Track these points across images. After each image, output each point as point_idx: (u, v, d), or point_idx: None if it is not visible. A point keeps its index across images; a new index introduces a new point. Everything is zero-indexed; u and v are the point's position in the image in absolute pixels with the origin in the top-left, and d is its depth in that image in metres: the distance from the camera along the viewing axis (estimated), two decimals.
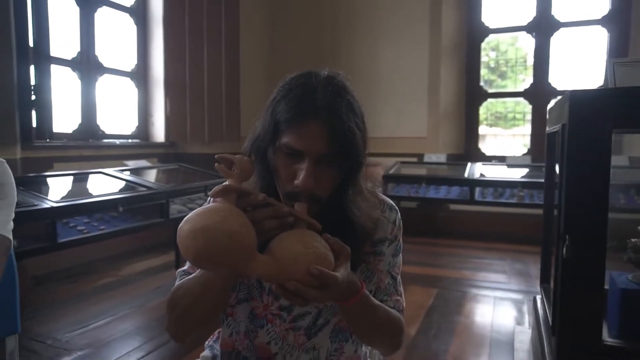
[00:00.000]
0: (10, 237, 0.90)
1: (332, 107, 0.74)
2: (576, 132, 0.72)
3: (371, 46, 4.92)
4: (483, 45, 5.08)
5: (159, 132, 4.22)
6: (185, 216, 0.67)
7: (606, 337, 0.78)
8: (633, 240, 0.82)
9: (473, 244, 4.07)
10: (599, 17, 4.55)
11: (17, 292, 1.08)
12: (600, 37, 4.60)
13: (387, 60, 4.86)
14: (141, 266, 3.42)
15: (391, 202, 0.93)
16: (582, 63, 4.95)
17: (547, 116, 1.33)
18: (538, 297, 1.53)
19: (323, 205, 0.77)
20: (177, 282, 0.85)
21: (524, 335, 2.10)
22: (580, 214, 0.72)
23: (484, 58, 5.23)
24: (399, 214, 0.92)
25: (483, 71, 5.20)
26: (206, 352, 0.99)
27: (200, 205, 0.70)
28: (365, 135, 0.81)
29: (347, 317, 0.81)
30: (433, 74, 4.73)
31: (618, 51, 4.46)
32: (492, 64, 6.79)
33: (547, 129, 1.31)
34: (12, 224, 0.91)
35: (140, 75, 4.19)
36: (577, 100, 0.72)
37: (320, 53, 5.11)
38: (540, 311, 1.06)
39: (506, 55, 6.25)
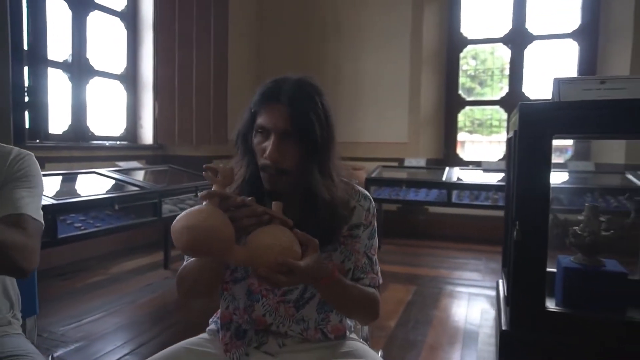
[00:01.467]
0: (43, 222, 1.01)
1: (293, 94, 0.91)
2: (524, 137, 0.87)
3: (356, 55, 5.09)
4: (463, 54, 5.31)
5: (147, 135, 4.31)
6: (176, 215, 0.82)
7: (552, 305, 0.93)
8: (573, 228, 0.98)
9: (450, 245, 4.26)
10: (570, 31, 4.82)
11: (35, 275, 1.19)
12: (572, 50, 4.87)
13: (371, 69, 5.04)
14: (130, 265, 3.50)
15: (365, 192, 1.08)
16: (554, 74, 5.22)
17: (507, 124, 1.50)
18: (500, 280, 1.70)
19: (290, 178, 0.92)
20: (184, 263, 1.00)
21: (489, 314, 2.28)
22: (527, 204, 0.88)
23: (464, 66, 5.46)
24: (373, 202, 1.07)
25: (464, 79, 5.43)
26: (212, 327, 1.12)
27: (191, 206, 0.85)
28: (325, 121, 0.96)
29: (323, 295, 0.95)
30: (414, 82, 4.93)
31: (587, 63, 4.73)
32: (472, 72, 7.05)
33: (507, 135, 1.48)
34: (41, 211, 1.02)
35: (130, 78, 4.27)
36: (525, 111, 0.88)
37: (307, 60, 5.27)
38: (500, 289, 1.21)
39: (486, 64, 6.51)
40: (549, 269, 1.03)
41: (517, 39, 4.96)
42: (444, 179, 3.83)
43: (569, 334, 0.88)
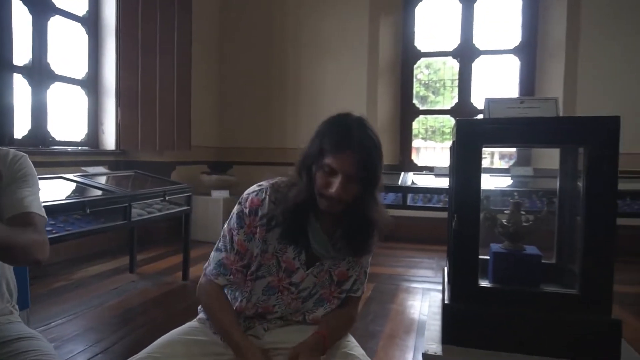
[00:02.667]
0: (46, 216, 1.13)
1: (361, 142, 1.05)
2: (460, 146, 1.08)
3: (316, 65, 5.30)
4: (418, 63, 5.63)
5: (109, 140, 4.31)
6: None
7: (484, 282, 1.15)
8: (501, 220, 1.20)
9: (406, 245, 4.53)
10: (512, 47, 5.25)
11: (27, 271, 1.28)
12: (514, 65, 5.30)
13: (330, 78, 5.26)
14: (94, 270, 3.51)
15: None
16: (498, 85, 5.65)
17: (451, 134, 1.73)
18: (445, 267, 1.93)
19: (347, 207, 1.09)
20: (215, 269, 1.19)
21: (437, 297, 2.54)
22: (463, 200, 1.08)
23: (419, 75, 5.79)
24: None
25: (419, 88, 5.76)
26: (202, 315, 1.25)
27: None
28: (382, 162, 1.12)
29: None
30: (371, 91, 5.19)
31: (527, 77, 5.17)
32: (426, 81, 7.43)
33: (450, 144, 1.71)
34: (42, 207, 1.14)
35: (91, 83, 4.27)
36: (461, 125, 1.09)
37: (269, 69, 5.43)
38: (445, 273, 1.42)
39: (439, 73, 6.89)
40: (485, 257, 1.25)
41: (465, 53, 5.34)
42: (399, 183, 4.08)
43: (497, 304, 1.10)
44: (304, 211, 1.09)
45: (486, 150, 7.08)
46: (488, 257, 1.26)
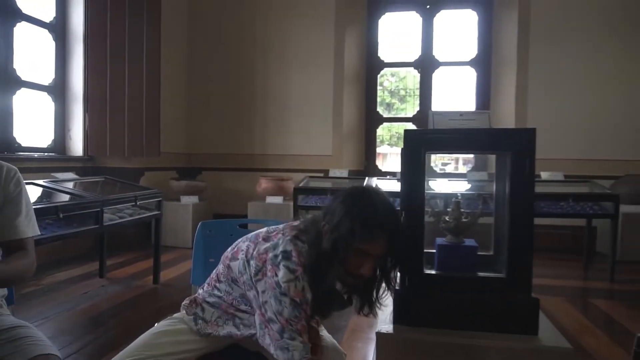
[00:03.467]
0: (37, 230, 1.27)
1: (390, 225, 1.12)
2: (408, 153, 1.26)
3: (283, 73, 5.46)
4: (383, 72, 5.88)
5: (76, 146, 4.31)
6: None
7: (429, 270, 1.33)
8: (444, 216, 1.39)
9: None
10: (469, 59, 5.57)
11: None
12: (470, 75, 5.63)
13: (297, 86, 5.43)
14: (62, 276, 3.53)
15: None
16: (457, 95, 5.98)
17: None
18: None
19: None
20: None
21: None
22: (410, 199, 1.26)
23: (385, 83, 6.04)
24: None
25: (385, 95, 6.00)
26: (186, 302, 1.37)
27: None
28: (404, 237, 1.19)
29: None
30: (337, 99, 5.39)
31: (483, 87, 5.50)
32: (392, 89, 7.71)
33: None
34: (35, 221, 1.27)
35: (58, 89, 4.27)
36: (408, 134, 1.27)
37: (238, 77, 5.54)
38: None
39: (404, 81, 7.18)
40: (430, 250, 1.43)
41: (426, 64, 5.63)
42: None
43: (440, 288, 1.28)
44: (324, 286, 1.14)
45: (451, 157, 7.43)
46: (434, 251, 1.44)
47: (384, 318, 1.33)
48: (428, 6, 5.56)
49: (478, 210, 1.37)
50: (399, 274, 1.28)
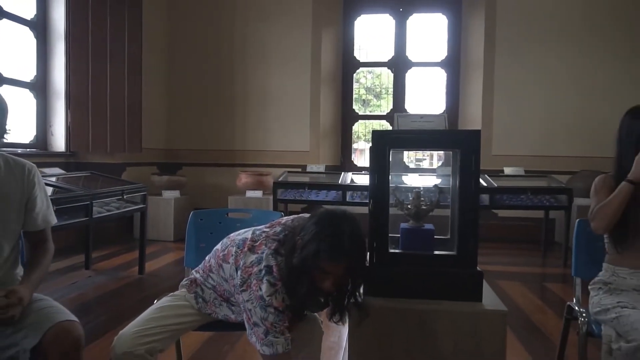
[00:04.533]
0: (55, 217, 1.45)
1: (352, 253, 1.27)
2: (375, 150, 1.49)
3: (262, 72, 5.63)
4: (360, 70, 6.12)
5: (59, 142, 4.39)
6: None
7: (395, 250, 1.56)
8: (406, 204, 1.63)
9: None
10: (439, 60, 5.86)
11: None
12: (441, 76, 5.91)
13: (276, 85, 5.61)
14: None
15: None
16: (428, 94, 6.27)
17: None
18: None
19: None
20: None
21: None
22: (376, 189, 1.49)
23: (362, 80, 6.26)
24: None
25: (361, 92, 6.23)
26: (185, 282, 1.56)
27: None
28: (366, 254, 1.38)
29: None
30: (314, 97, 5.60)
31: (452, 87, 5.80)
32: (369, 85, 7.95)
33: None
34: (52, 209, 1.46)
35: (40, 86, 4.33)
36: (375, 134, 1.49)
37: (218, 74, 5.68)
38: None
39: (381, 78, 7.42)
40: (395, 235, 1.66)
41: (399, 64, 5.89)
42: (340, 182, 4.52)
43: (402, 265, 1.51)
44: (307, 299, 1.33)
45: (425, 154, 7.72)
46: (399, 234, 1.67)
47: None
48: (401, 9, 5.82)
49: (435, 200, 1.60)
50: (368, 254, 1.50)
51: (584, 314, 1.58)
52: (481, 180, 4.47)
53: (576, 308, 1.66)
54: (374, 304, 1.47)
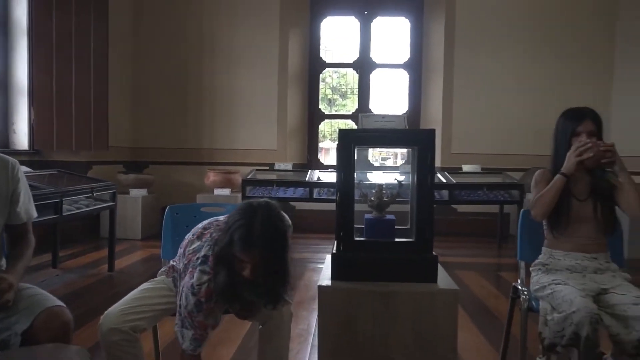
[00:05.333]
0: (35, 211, 1.53)
1: (266, 242, 1.27)
2: (341, 147, 1.63)
3: (230, 72, 5.69)
4: (324, 72, 6.27)
5: (21, 140, 4.31)
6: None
7: (360, 237, 1.71)
8: (370, 197, 1.78)
9: (313, 235, 5.12)
10: (402, 62, 6.09)
11: None
12: (404, 78, 6.15)
13: (244, 85, 5.69)
14: None
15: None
16: (392, 95, 6.50)
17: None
18: None
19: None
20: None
21: None
22: (343, 182, 1.63)
23: (328, 79, 6.41)
24: (287, 217, 1.50)
25: (327, 91, 6.39)
26: (163, 269, 1.65)
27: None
28: (287, 243, 1.34)
29: None
30: (281, 97, 5.71)
31: (415, 89, 6.04)
32: (334, 84, 8.12)
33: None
34: (33, 204, 1.51)
35: (1, 83, 4.24)
36: (341, 132, 1.64)
37: (185, 73, 5.70)
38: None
39: (345, 78, 7.60)
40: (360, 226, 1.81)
41: (364, 65, 6.08)
42: (307, 179, 4.65)
43: (366, 251, 1.66)
44: (233, 287, 1.32)
45: (390, 152, 7.98)
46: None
47: (325, 275, 1.70)
48: (366, 12, 6.02)
49: (395, 192, 1.77)
50: (335, 242, 1.64)
51: (525, 292, 1.79)
52: (441, 177, 4.72)
53: (519, 287, 1.87)
54: (340, 286, 1.62)
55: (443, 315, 1.58)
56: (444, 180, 4.65)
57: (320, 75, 6.21)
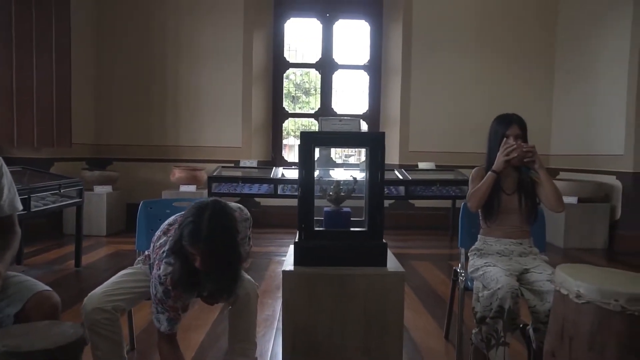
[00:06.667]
0: (20, 204, 1.61)
1: (212, 238, 1.37)
2: (302, 147, 1.83)
3: (195, 71, 5.77)
4: (287, 72, 6.44)
5: None
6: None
7: (319, 228, 1.92)
8: (329, 192, 2.00)
9: (277, 230, 5.31)
10: (362, 64, 6.35)
11: None
12: (364, 78, 6.41)
13: (208, 82, 5.78)
14: None
15: (240, 207, 1.77)
16: (353, 95, 6.74)
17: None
18: None
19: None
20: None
21: None
22: (304, 178, 1.84)
23: (291, 76, 6.56)
24: (246, 210, 1.78)
25: (291, 89, 6.55)
26: (140, 258, 1.80)
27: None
28: (234, 236, 1.44)
29: None
30: (246, 95, 5.85)
31: (374, 89, 6.31)
32: (298, 81, 8.27)
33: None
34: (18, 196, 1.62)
35: None
36: (303, 135, 1.84)
37: (149, 70, 5.72)
38: None
39: (309, 75, 7.77)
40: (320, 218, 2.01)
41: (326, 66, 6.30)
42: (271, 176, 4.83)
43: (325, 240, 1.88)
44: (192, 277, 1.45)
45: (354, 150, 8.25)
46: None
47: (289, 261, 1.90)
48: (327, 14, 6.23)
49: (351, 188, 1.99)
50: (297, 233, 1.85)
51: (462, 274, 2.06)
52: (398, 174, 5.01)
53: (459, 270, 2.14)
54: (302, 271, 1.82)
55: (391, 294, 1.82)
56: (401, 177, 4.94)
57: (284, 73, 6.38)
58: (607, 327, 1.24)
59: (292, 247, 1.97)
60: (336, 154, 6.83)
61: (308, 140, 1.80)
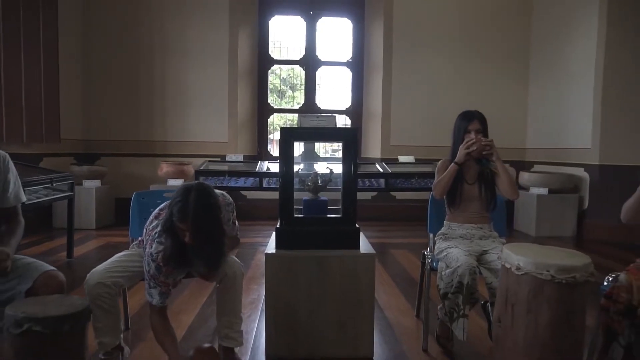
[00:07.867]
0: (24, 195, 1.76)
1: (198, 215, 1.53)
2: (282, 141, 2.01)
3: (182, 68, 5.89)
4: (272, 68, 6.59)
5: None
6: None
7: (298, 215, 2.11)
8: (307, 182, 2.18)
9: (263, 222, 5.49)
10: (345, 60, 6.53)
11: None
12: (347, 74, 6.59)
13: (195, 78, 5.91)
14: None
15: (223, 193, 1.96)
16: (336, 90, 6.93)
17: None
18: None
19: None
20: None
21: None
22: (284, 170, 2.03)
23: (277, 71, 6.70)
24: (229, 196, 1.97)
25: (276, 82, 6.69)
26: (135, 242, 1.97)
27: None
28: (218, 214, 1.60)
29: None
30: (232, 92, 5.99)
31: (357, 86, 6.50)
32: (284, 76, 8.42)
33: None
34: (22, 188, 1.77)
35: None
36: (283, 130, 2.02)
37: (136, 66, 5.83)
38: None
39: (294, 71, 7.91)
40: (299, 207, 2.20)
41: (310, 62, 6.47)
42: (257, 169, 5.00)
43: (303, 226, 2.07)
44: (181, 254, 1.61)
45: (336, 145, 8.44)
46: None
47: (271, 246, 2.09)
48: (311, 12, 6.39)
49: (327, 178, 2.18)
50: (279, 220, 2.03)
51: (429, 257, 2.27)
52: (378, 167, 5.21)
53: (426, 253, 2.35)
54: (283, 254, 2.01)
55: (363, 273, 2.02)
56: (381, 170, 5.14)
57: (269, 69, 6.53)
58: (540, 293, 1.45)
59: (274, 233, 2.16)
60: (323, 148, 7.02)
61: (287, 135, 1.99)
